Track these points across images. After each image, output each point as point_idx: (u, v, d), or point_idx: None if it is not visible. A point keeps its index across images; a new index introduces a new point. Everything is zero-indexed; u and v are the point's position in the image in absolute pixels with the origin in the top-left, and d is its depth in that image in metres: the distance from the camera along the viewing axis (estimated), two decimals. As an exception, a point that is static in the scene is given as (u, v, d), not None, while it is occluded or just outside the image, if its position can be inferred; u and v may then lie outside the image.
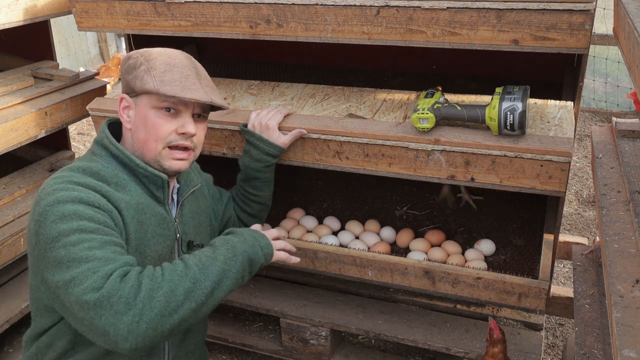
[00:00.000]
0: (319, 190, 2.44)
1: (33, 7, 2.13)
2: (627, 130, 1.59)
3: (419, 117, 1.68)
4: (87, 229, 1.26)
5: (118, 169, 1.41)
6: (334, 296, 2.17)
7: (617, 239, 1.19)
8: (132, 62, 1.43)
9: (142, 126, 1.42)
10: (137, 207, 1.39)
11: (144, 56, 1.43)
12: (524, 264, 1.92)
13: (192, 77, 1.43)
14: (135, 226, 1.38)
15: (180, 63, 1.44)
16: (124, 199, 1.37)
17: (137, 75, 1.41)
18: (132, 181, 1.41)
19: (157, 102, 1.41)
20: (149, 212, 1.42)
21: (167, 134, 1.42)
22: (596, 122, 4.52)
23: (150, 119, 1.41)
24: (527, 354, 1.89)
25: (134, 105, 1.43)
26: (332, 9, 1.72)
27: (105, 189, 1.35)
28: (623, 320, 0.98)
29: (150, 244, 1.42)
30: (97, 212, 1.29)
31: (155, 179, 1.43)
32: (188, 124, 1.44)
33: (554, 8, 1.53)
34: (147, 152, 1.43)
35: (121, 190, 1.38)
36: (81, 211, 1.27)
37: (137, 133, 1.43)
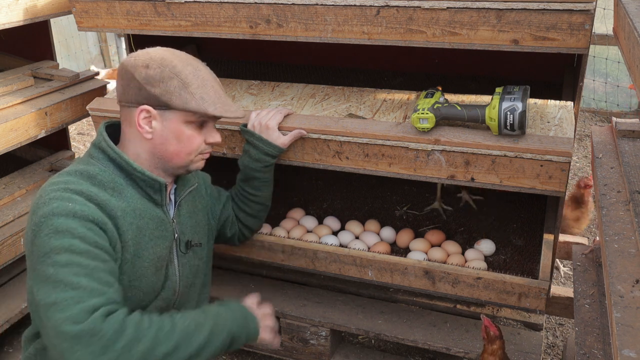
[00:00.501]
0: (319, 190, 2.44)
1: (33, 7, 2.13)
2: (627, 130, 1.59)
3: (419, 117, 1.68)
4: (78, 250, 1.25)
5: (115, 173, 1.41)
6: (334, 296, 2.17)
7: (617, 239, 1.19)
8: (155, 74, 1.38)
9: (173, 140, 1.42)
10: (134, 213, 1.39)
11: (167, 67, 1.39)
12: (524, 264, 1.92)
13: (221, 91, 1.46)
14: (134, 232, 1.38)
15: (205, 75, 1.44)
16: (120, 206, 1.36)
17: (172, 91, 1.38)
18: (129, 185, 1.41)
19: (192, 118, 1.42)
20: (147, 216, 1.42)
21: (199, 145, 1.46)
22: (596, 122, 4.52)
23: (185, 133, 1.42)
24: (527, 354, 1.89)
25: (161, 118, 1.41)
26: (332, 9, 1.72)
27: (101, 198, 1.34)
28: (623, 320, 0.98)
29: (149, 246, 1.42)
30: (89, 230, 1.28)
31: (152, 183, 1.42)
32: (216, 135, 1.49)
33: (554, 8, 1.53)
34: (177, 161, 1.45)
35: (117, 196, 1.37)
36: (74, 228, 1.27)
37: (165, 145, 1.42)
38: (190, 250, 1.56)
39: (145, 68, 1.39)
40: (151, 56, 1.41)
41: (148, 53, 1.43)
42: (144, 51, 1.45)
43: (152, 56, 1.41)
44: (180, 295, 1.55)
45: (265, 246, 2.00)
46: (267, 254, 2.01)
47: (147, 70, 1.39)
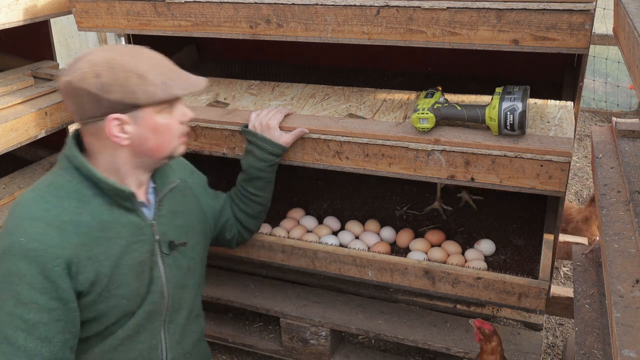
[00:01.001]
0: (319, 190, 2.44)
1: (33, 7, 2.13)
2: (627, 130, 1.59)
3: (419, 117, 1.68)
4: (24, 300, 1.26)
5: (81, 184, 1.36)
6: (334, 296, 2.17)
7: (617, 239, 1.19)
8: (109, 79, 1.30)
9: (152, 135, 1.37)
10: (100, 226, 1.35)
11: (117, 67, 1.31)
12: (524, 264, 1.92)
13: (175, 67, 1.41)
14: (103, 245, 1.35)
15: (157, 58, 1.38)
16: (85, 221, 1.33)
17: (132, 90, 1.31)
18: (96, 195, 1.37)
19: (161, 107, 1.37)
20: (117, 226, 1.38)
21: (176, 129, 1.42)
22: (596, 122, 4.51)
23: (162, 123, 1.38)
24: (527, 354, 1.89)
25: (132, 120, 1.35)
26: (332, 9, 1.72)
27: (64, 218, 1.31)
28: (623, 320, 0.98)
29: (125, 254, 1.39)
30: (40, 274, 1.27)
31: (119, 192, 1.38)
32: (187, 111, 1.44)
33: (554, 8, 1.53)
34: (162, 153, 1.41)
35: (83, 208, 1.34)
36: (24, 275, 1.26)
37: (145, 144, 1.38)
38: (175, 251, 1.52)
39: (96, 77, 1.30)
40: (95, 63, 1.31)
41: (90, 61, 1.32)
42: (83, 61, 1.32)
43: (96, 63, 1.31)
44: (172, 298, 1.51)
45: (265, 246, 2.00)
46: (267, 254, 2.01)
47: (99, 79, 1.30)
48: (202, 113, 1.96)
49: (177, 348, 1.56)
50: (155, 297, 1.47)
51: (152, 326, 1.48)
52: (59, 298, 1.29)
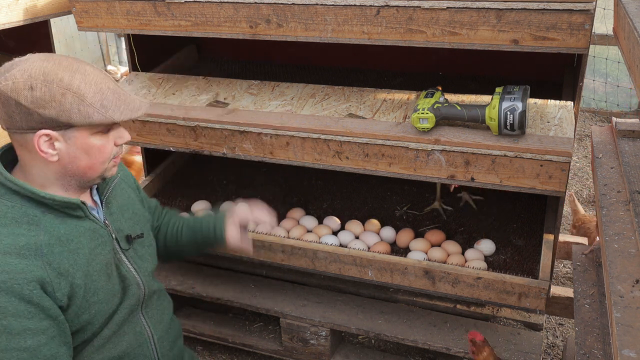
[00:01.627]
0: (319, 190, 2.44)
1: (33, 7, 2.13)
2: (627, 130, 1.59)
3: (419, 117, 1.68)
4: (15, 331, 1.22)
5: (25, 205, 1.29)
6: (334, 296, 2.17)
7: (617, 239, 1.19)
8: (43, 94, 1.23)
9: (83, 155, 1.32)
10: (59, 242, 1.31)
11: (54, 82, 1.24)
12: (524, 264, 1.92)
13: (118, 89, 1.33)
14: (69, 260, 1.32)
15: (99, 77, 1.31)
16: (43, 241, 1.29)
17: (67, 109, 1.25)
18: (44, 213, 1.31)
19: (97, 128, 1.31)
20: (75, 236, 1.35)
21: (110, 151, 1.36)
22: (596, 122, 4.51)
23: (95, 145, 1.32)
24: (527, 354, 1.89)
25: (63, 138, 1.28)
26: (332, 9, 1.72)
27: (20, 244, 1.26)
28: (623, 320, 0.98)
29: (91, 260, 1.37)
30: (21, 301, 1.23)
31: (68, 204, 1.34)
32: (124, 134, 1.38)
33: (554, 8, 1.53)
34: (92, 174, 1.36)
35: (35, 230, 1.29)
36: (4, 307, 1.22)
37: (75, 162, 1.32)
38: (133, 243, 1.50)
39: (29, 90, 1.22)
40: (30, 74, 1.23)
41: (25, 71, 1.24)
42: (19, 69, 1.25)
43: (31, 74, 1.23)
44: (147, 286, 1.52)
45: (265, 246, 2.00)
46: (267, 254, 2.01)
47: (32, 92, 1.22)
48: (202, 113, 1.96)
49: (160, 327, 1.57)
50: (134, 290, 1.47)
51: (132, 316, 1.49)
52: (48, 317, 1.27)
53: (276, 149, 1.89)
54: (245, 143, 1.91)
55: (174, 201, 2.36)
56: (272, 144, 1.88)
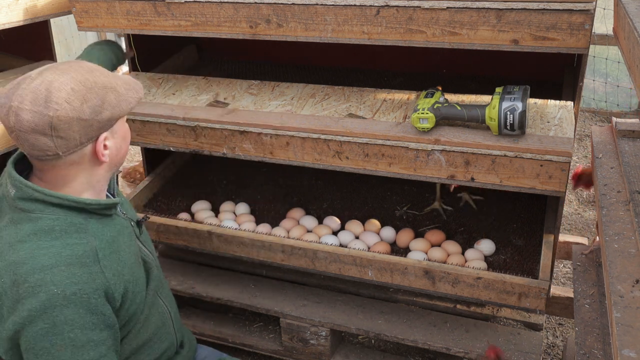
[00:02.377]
0: (319, 190, 2.44)
1: (33, 7, 2.13)
2: (627, 130, 1.59)
3: (419, 117, 1.68)
4: (80, 343, 1.24)
5: (69, 215, 1.30)
6: (334, 296, 2.17)
7: (617, 239, 1.19)
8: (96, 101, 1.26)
9: (124, 143, 1.38)
10: (108, 245, 1.34)
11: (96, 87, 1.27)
12: (524, 264, 1.92)
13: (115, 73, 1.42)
14: (116, 258, 1.35)
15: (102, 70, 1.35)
16: (95, 246, 1.31)
17: (114, 105, 1.30)
18: (87, 219, 1.32)
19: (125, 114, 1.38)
20: (117, 235, 1.38)
21: None
22: (596, 122, 4.51)
23: (128, 129, 1.41)
24: (527, 354, 1.89)
25: (111, 135, 1.33)
26: (332, 9, 1.72)
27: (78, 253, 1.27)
28: (623, 320, 0.98)
29: (130, 256, 1.40)
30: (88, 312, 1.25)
31: (110, 205, 1.37)
32: None
33: (554, 8, 1.53)
34: (124, 158, 1.42)
35: (85, 237, 1.30)
36: (72, 320, 1.23)
37: (119, 154, 1.37)
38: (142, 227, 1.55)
39: (84, 103, 1.24)
40: (72, 88, 1.24)
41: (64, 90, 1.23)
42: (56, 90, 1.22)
43: (73, 88, 1.24)
44: (157, 266, 1.57)
45: (265, 246, 2.00)
46: (267, 254, 2.01)
47: (86, 103, 1.25)
48: (202, 113, 1.96)
49: (172, 303, 1.62)
50: (155, 272, 1.52)
51: (155, 298, 1.53)
52: (108, 326, 1.29)
53: (276, 149, 1.89)
54: (245, 143, 1.91)
55: (174, 201, 2.36)
56: (272, 144, 1.88)
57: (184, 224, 2.09)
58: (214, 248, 2.08)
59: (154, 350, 1.51)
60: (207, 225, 2.10)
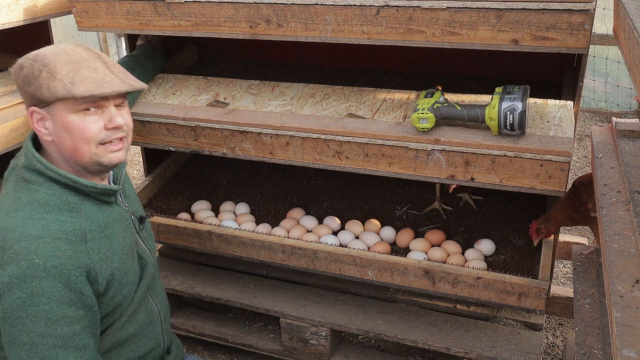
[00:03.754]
0: (319, 190, 2.44)
1: (33, 7, 2.13)
2: (627, 130, 1.59)
3: (419, 116, 1.68)
4: (54, 317, 1.24)
5: (64, 193, 1.33)
6: (334, 296, 2.17)
7: (617, 239, 1.19)
8: (28, 72, 1.31)
9: (66, 134, 1.33)
10: (99, 228, 1.35)
11: (39, 61, 1.31)
12: (524, 264, 1.92)
13: (100, 68, 1.34)
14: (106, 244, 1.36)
15: (82, 57, 1.34)
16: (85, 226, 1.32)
17: (42, 84, 1.30)
18: (82, 201, 1.35)
19: (74, 106, 1.32)
20: (111, 221, 1.39)
21: (96, 133, 1.35)
22: (596, 122, 4.51)
23: (74, 123, 1.32)
24: (527, 354, 1.89)
25: (49, 116, 1.33)
26: (332, 9, 1.72)
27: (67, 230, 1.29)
28: (623, 320, 0.98)
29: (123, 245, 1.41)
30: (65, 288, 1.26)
31: (107, 191, 1.38)
32: (115, 117, 1.37)
33: (554, 8, 1.53)
34: (81, 157, 1.36)
35: (77, 217, 1.32)
36: (49, 292, 1.24)
37: (62, 142, 1.34)
38: (144, 224, 1.56)
39: (20, 69, 1.33)
40: (28, 55, 1.34)
41: (29, 54, 1.35)
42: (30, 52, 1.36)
43: (29, 55, 1.34)
44: (156, 266, 1.59)
45: (265, 246, 2.00)
46: (267, 254, 2.01)
47: (22, 70, 1.33)
48: (202, 113, 1.96)
49: (163, 305, 1.63)
50: (150, 269, 1.53)
51: (146, 295, 1.55)
52: (85, 306, 1.30)
53: (276, 149, 1.89)
54: (245, 143, 1.91)
55: (174, 201, 2.36)
56: (272, 144, 1.88)
57: (184, 224, 2.09)
58: (214, 248, 2.08)
59: (139, 347, 1.51)
60: (207, 225, 2.10)
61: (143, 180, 2.41)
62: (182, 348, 1.76)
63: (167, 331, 1.64)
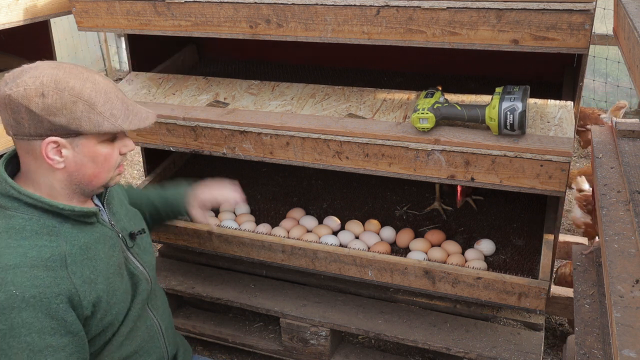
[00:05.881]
0: (319, 190, 2.44)
1: (33, 7, 2.13)
2: (627, 130, 1.59)
3: (419, 117, 1.68)
4: (37, 348, 1.22)
5: (42, 217, 1.30)
6: (334, 296, 2.17)
7: (617, 239, 1.19)
8: (54, 101, 1.24)
9: (90, 163, 1.33)
10: (80, 250, 1.33)
11: (65, 90, 1.25)
12: (524, 264, 1.92)
13: (126, 99, 1.36)
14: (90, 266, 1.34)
15: (107, 86, 1.33)
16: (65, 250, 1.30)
17: (77, 117, 1.26)
18: (61, 223, 1.32)
19: (105, 137, 1.32)
20: (93, 242, 1.37)
21: (116, 160, 1.38)
22: (596, 122, 4.51)
23: (101, 153, 1.33)
24: (527, 354, 1.89)
25: (71, 145, 1.29)
26: (332, 9, 1.72)
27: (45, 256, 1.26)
28: (623, 320, 0.98)
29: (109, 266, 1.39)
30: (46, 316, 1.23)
31: (87, 214, 1.35)
32: (129, 143, 1.40)
33: (554, 8, 1.53)
34: (97, 182, 1.36)
35: (57, 241, 1.30)
36: (29, 323, 1.22)
37: (81, 171, 1.33)
38: (136, 240, 1.53)
39: (41, 97, 1.23)
40: (42, 81, 1.24)
41: (37, 78, 1.25)
42: (29, 75, 1.26)
43: (43, 81, 1.25)
44: (153, 280, 1.56)
45: (265, 246, 2.00)
46: (267, 254, 2.01)
47: (44, 99, 1.23)
48: (202, 113, 1.96)
49: (164, 317, 1.60)
50: (144, 285, 1.50)
51: (144, 311, 1.52)
52: (69, 332, 1.27)
53: (276, 149, 1.89)
54: (245, 143, 1.92)
55: (174, 201, 2.36)
56: (272, 144, 1.88)
57: (184, 224, 2.09)
58: (214, 248, 2.08)
59: None
60: (207, 225, 2.10)
61: (143, 180, 2.41)
62: (189, 351, 1.74)
63: (171, 342, 1.61)
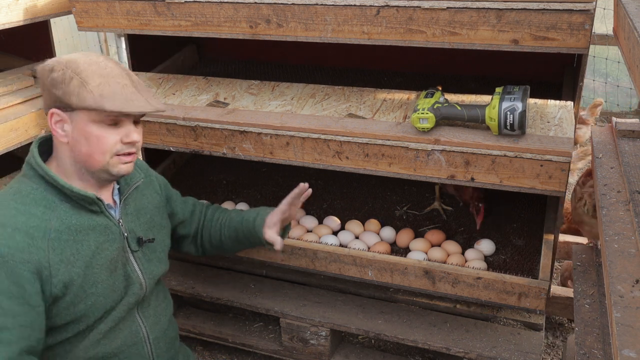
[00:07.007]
0: (319, 190, 2.44)
1: (33, 7, 2.13)
2: (627, 130, 1.59)
3: (419, 117, 1.68)
4: None
5: (47, 191, 1.39)
6: (334, 296, 2.17)
7: (617, 239, 1.19)
8: (58, 76, 1.37)
9: (83, 140, 1.39)
10: (69, 230, 1.37)
11: (70, 68, 1.37)
12: (524, 264, 1.92)
13: (129, 86, 1.40)
14: (72, 248, 1.37)
15: (113, 72, 1.40)
16: (53, 226, 1.35)
17: (71, 91, 1.35)
18: (62, 201, 1.39)
19: (98, 117, 1.37)
20: (86, 228, 1.41)
21: (112, 145, 1.40)
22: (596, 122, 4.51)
23: (93, 133, 1.38)
24: (527, 354, 1.89)
25: (70, 120, 1.38)
26: (332, 9, 1.72)
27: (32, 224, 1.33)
28: (623, 320, 0.98)
29: (96, 254, 1.41)
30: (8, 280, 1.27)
31: (84, 198, 1.40)
32: (132, 133, 1.42)
33: (554, 8, 1.53)
34: (93, 164, 1.41)
35: (50, 214, 1.36)
36: None
37: (78, 147, 1.40)
38: (143, 246, 1.55)
39: (50, 72, 1.38)
40: (59, 60, 1.40)
41: (60, 57, 1.41)
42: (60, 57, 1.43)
43: (60, 60, 1.40)
44: (149, 287, 1.56)
45: (265, 246, 2.00)
46: (267, 254, 2.01)
47: (51, 73, 1.38)
48: (202, 113, 1.96)
49: (156, 328, 1.60)
50: (136, 289, 1.52)
51: (130, 314, 1.53)
52: (26, 303, 1.29)
53: (276, 149, 1.89)
54: (245, 143, 1.92)
55: (174, 201, 2.36)
56: (272, 144, 1.88)
57: (184, 224, 2.09)
58: (214, 248, 2.08)
59: None
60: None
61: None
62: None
63: (162, 355, 1.61)
